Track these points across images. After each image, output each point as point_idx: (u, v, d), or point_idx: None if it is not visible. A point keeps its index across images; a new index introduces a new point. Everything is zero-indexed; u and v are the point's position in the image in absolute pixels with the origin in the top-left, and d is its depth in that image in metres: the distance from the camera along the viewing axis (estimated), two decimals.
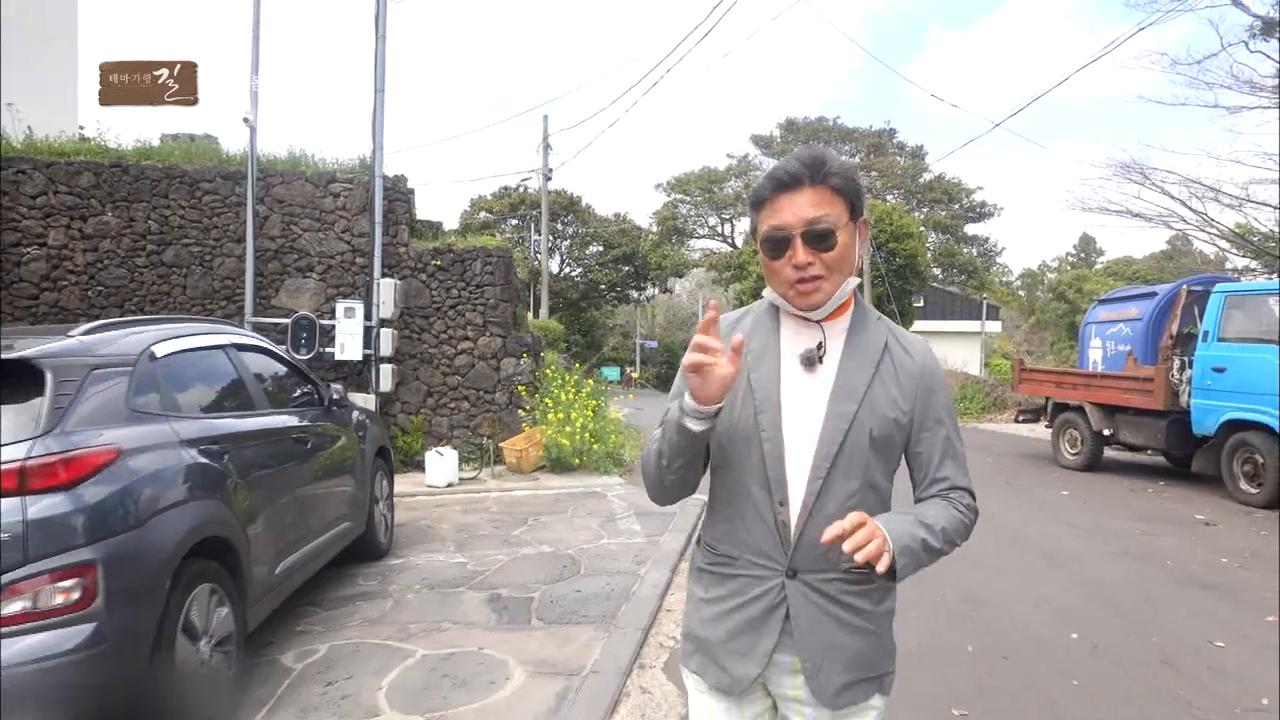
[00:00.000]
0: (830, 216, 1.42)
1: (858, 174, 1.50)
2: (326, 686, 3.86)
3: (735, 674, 1.50)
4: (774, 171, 1.47)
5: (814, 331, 1.50)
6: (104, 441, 3.13)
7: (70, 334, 3.49)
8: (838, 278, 1.45)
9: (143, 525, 3.12)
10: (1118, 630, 4.65)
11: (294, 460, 4.64)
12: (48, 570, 2.79)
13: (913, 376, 1.50)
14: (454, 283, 10.22)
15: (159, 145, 10.44)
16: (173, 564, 3.19)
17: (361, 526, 5.76)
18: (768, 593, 1.48)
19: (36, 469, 2.88)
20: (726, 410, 1.48)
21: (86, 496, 2.96)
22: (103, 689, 2.88)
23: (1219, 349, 8.69)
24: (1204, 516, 7.76)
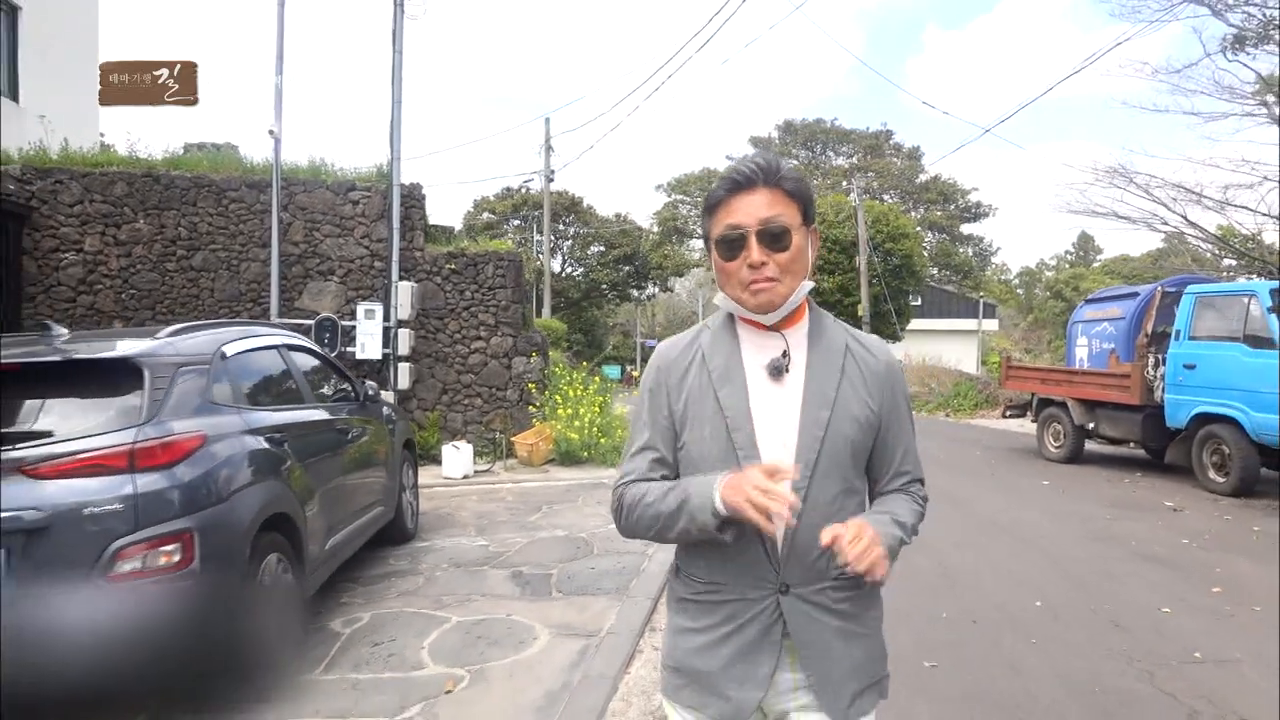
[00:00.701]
0: (784, 217, 1.42)
1: (808, 182, 1.52)
2: (374, 646, 4.39)
3: (739, 702, 1.46)
4: (728, 173, 1.47)
5: (775, 341, 1.50)
6: (192, 429, 3.66)
7: (157, 336, 4.02)
8: (791, 280, 1.44)
9: (226, 501, 3.65)
10: (1077, 600, 5.18)
11: (337, 449, 5.17)
12: (155, 536, 3.32)
13: (878, 375, 1.51)
14: (467, 285, 10.75)
15: (187, 155, 10.95)
16: (250, 534, 3.73)
17: (392, 512, 6.28)
18: (762, 613, 1.45)
19: (142, 451, 3.41)
20: (697, 432, 1.49)
21: (181, 475, 3.49)
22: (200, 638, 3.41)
23: (1190, 347, 9.22)
24: (1172, 503, 8.30)
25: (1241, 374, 8.49)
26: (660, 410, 1.55)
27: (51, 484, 3.25)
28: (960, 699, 3.69)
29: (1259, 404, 8.27)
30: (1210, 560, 6.15)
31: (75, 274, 9.76)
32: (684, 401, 1.52)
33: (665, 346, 1.61)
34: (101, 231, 9.84)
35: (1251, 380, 8.37)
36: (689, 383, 1.52)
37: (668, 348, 1.60)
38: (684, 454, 1.52)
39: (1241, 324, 8.60)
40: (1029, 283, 61.83)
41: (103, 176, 9.90)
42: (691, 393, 1.51)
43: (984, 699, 3.72)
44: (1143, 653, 4.27)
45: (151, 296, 9.93)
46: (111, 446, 3.36)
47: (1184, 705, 3.65)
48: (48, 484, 3.24)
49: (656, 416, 1.56)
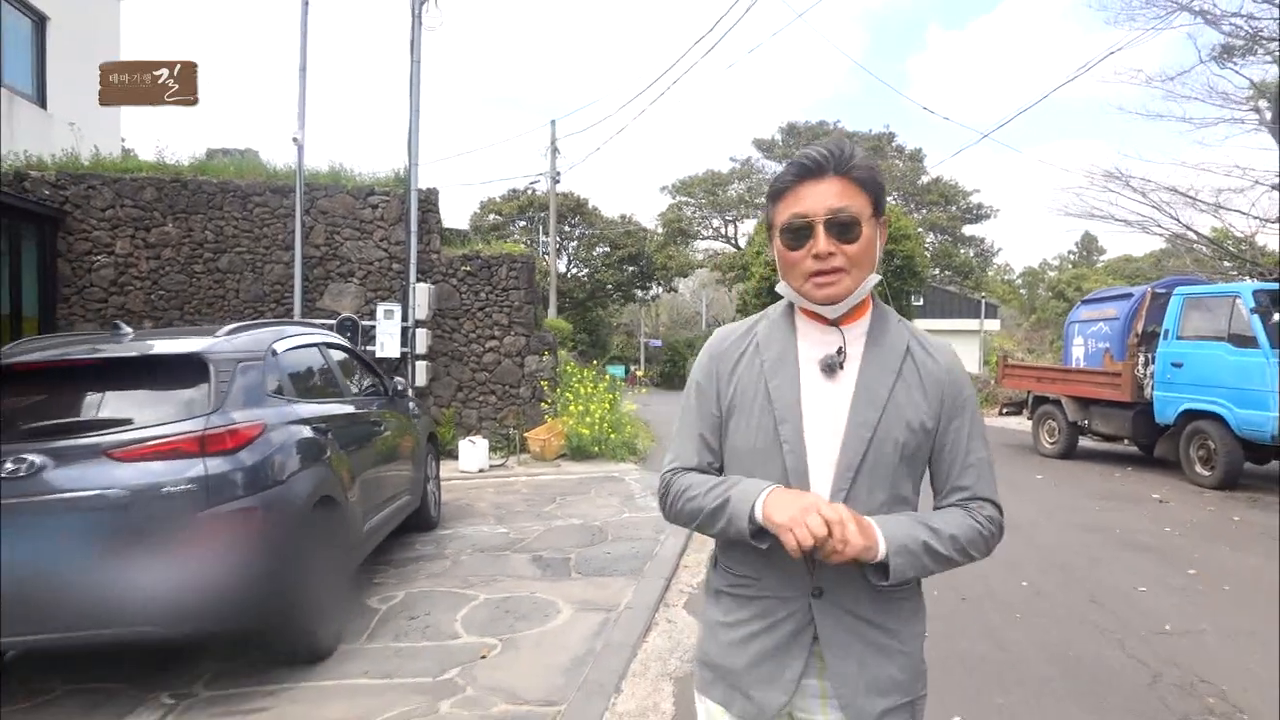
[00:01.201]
0: (854, 207, 1.37)
1: (880, 171, 1.47)
2: (410, 620, 4.79)
3: (762, 703, 1.42)
4: (797, 159, 1.42)
5: (833, 336, 1.45)
6: (253, 418, 4.05)
7: (217, 334, 4.42)
8: (859, 273, 1.39)
9: (284, 483, 4.05)
10: (1060, 580, 5.56)
11: (371, 440, 5.56)
12: (224, 512, 3.72)
13: (937, 381, 1.44)
14: (481, 286, 11.14)
15: (213, 161, 11.36)
16: (305, 512, 4.13)
17: (418, 501, 6.67)
18: (793, 615, 1.41)
19: (212, 437, 3.80)
20: (744, 422, 1.46)
21: (245, 460, 3.88)
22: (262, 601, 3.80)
23: (1178, 346, 9.60)
24: (1159, 495, 8.66)
25: (1226, 372, 8.86)
26: (709, 398, 1.53)
27: (132, 466, 3.64)
28: (944, 663, 4.07)
29: (1243, 400, 8.64)
30: (1189, 546, 6.52)
31: (107, 276, 10.17)
32: (734, 390, 1.49)
33: (720, 334, 1.59)
34: (132, 235, 10.25)
35: (1236, 378, 8.74)
36: (740, 371, 1.49)
37: (722, 335, 1.58)
38: (730, 443, 1.50)
39: (1226, 324, 8.97)
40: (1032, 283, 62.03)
41: (133, 182, 10.31)
42: (742, 382, 1.48)
43: (966, 663, 4.10)
44: (1117, 625, 4.65)
45: (179, 297, 10.33)
46: (185, 433, 3.76)
47: (1150, 669, 4.03)
48: (129, 466, 3.64)
49: (705, 404, 1.53)
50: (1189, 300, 9.66)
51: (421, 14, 10.60)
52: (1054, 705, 3.64)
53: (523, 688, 3.82)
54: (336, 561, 4.52)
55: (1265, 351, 8.42)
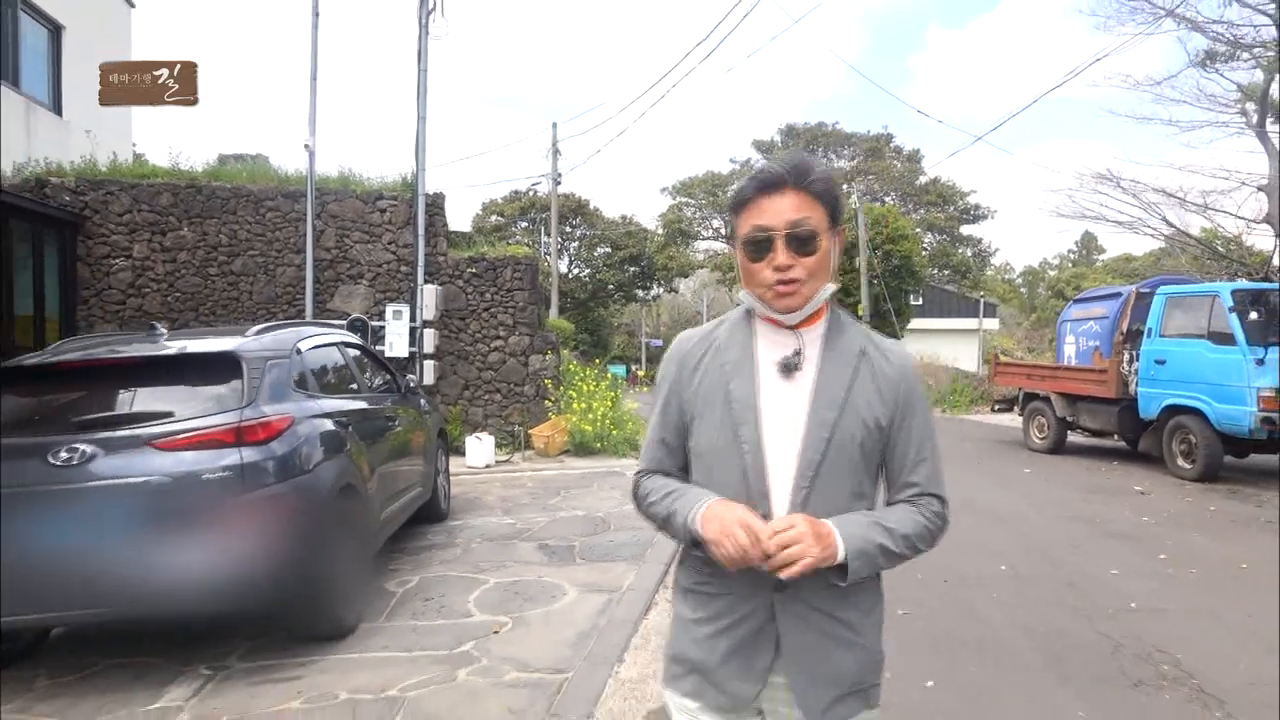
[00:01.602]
0: (812, 220, 1.42)
1: (837, 184, 1.52)
2: (426, 601, 5.11)
3: (734, 694, 1.48)
4: (757, 173, 1.47)
5: (790, 339, 1.49)
6: (282, 411, 4.38)
7: (246, 334, 4.75)
8: (815, 283, 1.45)
9: (311, 472, 4.37)
10: (1038, 565, 5.89)
11: (386, 434, 5.88)
12: (259, 497, 4.05)
13: (892, 381, 1.49)
14: (487, 288, 11.48)
15: (226, 167, 11.69)
16: (329, 499, 4.45)
17: (429, 493, 6.99)
18: (756, 610, 1.46)
19: (246, 429, 4.13)
20: (706, 423, 1.51)
21: (277, 449, 4.21)
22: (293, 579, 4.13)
23: (1160, 343, 9.92)
24: (1141, 488, 8.98)
25: (1206, 368, 9.18)
26: (672, 401, 1.59)
27: (174, 455, 3.97)
28: (923, 637, 4.40)
29: (1222, 396, 8.96)
30: (1164, 534, 6.84)
31: (125, 279, 10.50)
32: (695, 392, 1.53)
33: (682, 338, 1.64)
34: (149, 239, 10.59)
35: (1215, 374, 9.06)
36: (701, 374, 1.54)
37: (685, 339, 1.63)
38: (693, 444, 1.54)
39: (1206, 322, 9.29)
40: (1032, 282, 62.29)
41: (149, 187, 10.65)
42: (703, 384, 1.52)
43: (944, 638, 4.43)
44: (1088, 605, 4.98)
45: (195, 299, 10.67)
46: (222, 425, 4.08)
47: (1113, 641, 4.35)
48: (171, 455, 3.97)
49: (668, 408, 1.59)
50: (1171, 299, 9.98)
51: (428, 24, 10.93)
52: (1021, 673, 3.97)
53: (533, 658, 4.15)
54: (357, 545, 4.84)
55: (1242, 349, 8.74)
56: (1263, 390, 8.55)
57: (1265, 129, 13.99)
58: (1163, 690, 3.76)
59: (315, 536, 4.28)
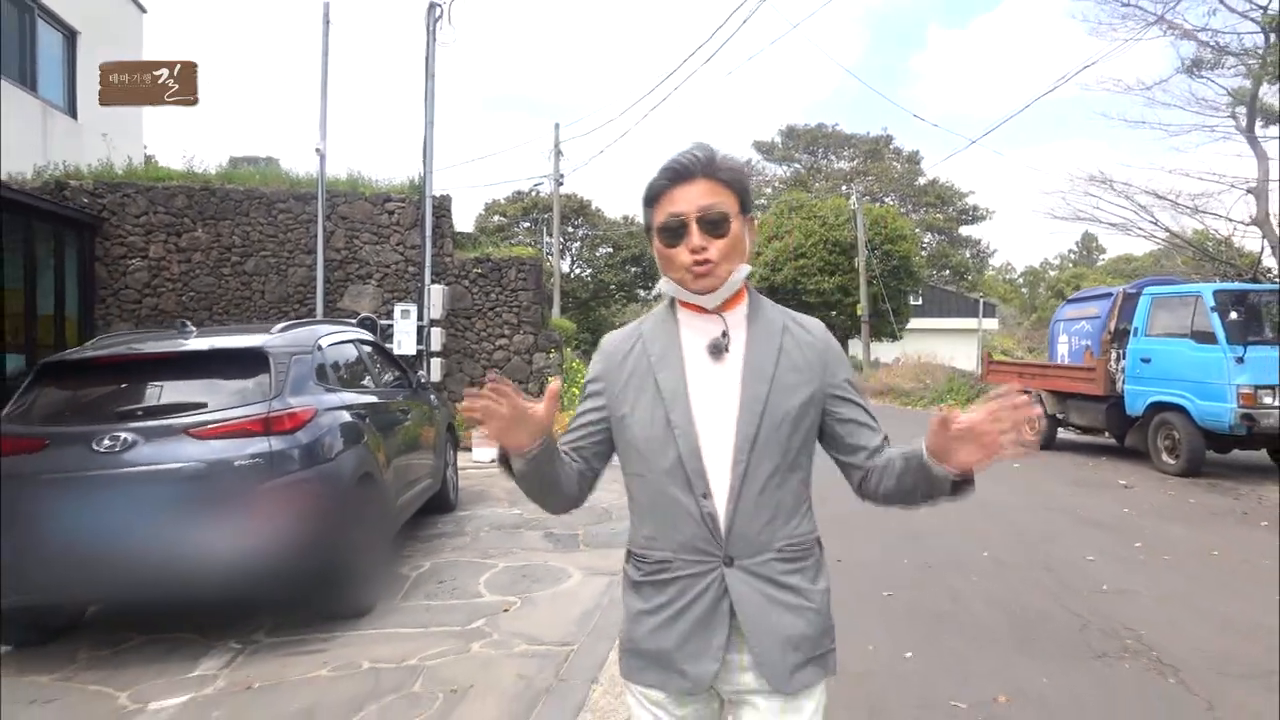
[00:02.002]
0: (723, 205, 1.49)
1: (745, 173, 1.59)
2: (439, 584, 5.43)
3: (695, 676, 1.51)
4: (667, 165, 1.53)
5: (715, 323, 1.56)
6: (307, 403, 4.69)
7: (272, 331, 5.06)
8: (729, 264, 1.51)
9: (333, 460, 4.69)
10: (1019, 552, 6.19)
11: (400, 426, 6.20)
12: (285, 483, 4.36)
13: (816, 350, 1.56)
14: (492, 287, 11.80)
15: (239, 170, 12.02)
16: (350, 486, 4.77)
17: (438, 484, 7.30)
18: (709, 587, 1.49)
19: (274, 419, 4.44)
20: (637, 415, 1.54)
21: (302, 439, 4.52)
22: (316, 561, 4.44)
23: (1146, 342, 10.22)
24: (1126, 482, 9.29)
25: (1189, 366, 9.48)
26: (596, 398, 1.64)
27: (208, 443, 4.28)
28: (905, 615, 4.70)
29: (1204, 393, 9.25)
30: (1143, 524, 7.15)
31: (141, 278, 10.83)
32: (624, 386, 1.58)
33: (609, 337, 1.69)
34: (164, 240, 10.91)
35: (1198, 372, 9.36)
36: (629, 368, 1.58)
37: (611, 338, 1.68)
38: (626, 436, 1.57)
39: (1189, 322, 9.59)
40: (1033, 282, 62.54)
41: (165, 190, 10.98)
42: (632, 378, 1.57)
43: (925, 615, 4.74)
44: (1061, 587, 5.28)
45: (209, 298, 10.99)
46: (251, 415, 4.40)
47: (1082, 619, 4.65)
48: (205, 443, 4.28)
49: (589, 403, 1.65)
50: (1156, 300, 10.28)
51: (436, 32, 11.24)
52: (993, 646, 4.27)
53: (541, 633, 4.46)
54: (375, 530, 5.17)
55: (1223, 347, 9.04)
56: (1242, 387, 8.84)
57: (1254, 133, 14.28)
58: (1123, 661, 4.06)
59: (337, 520, 4.59)
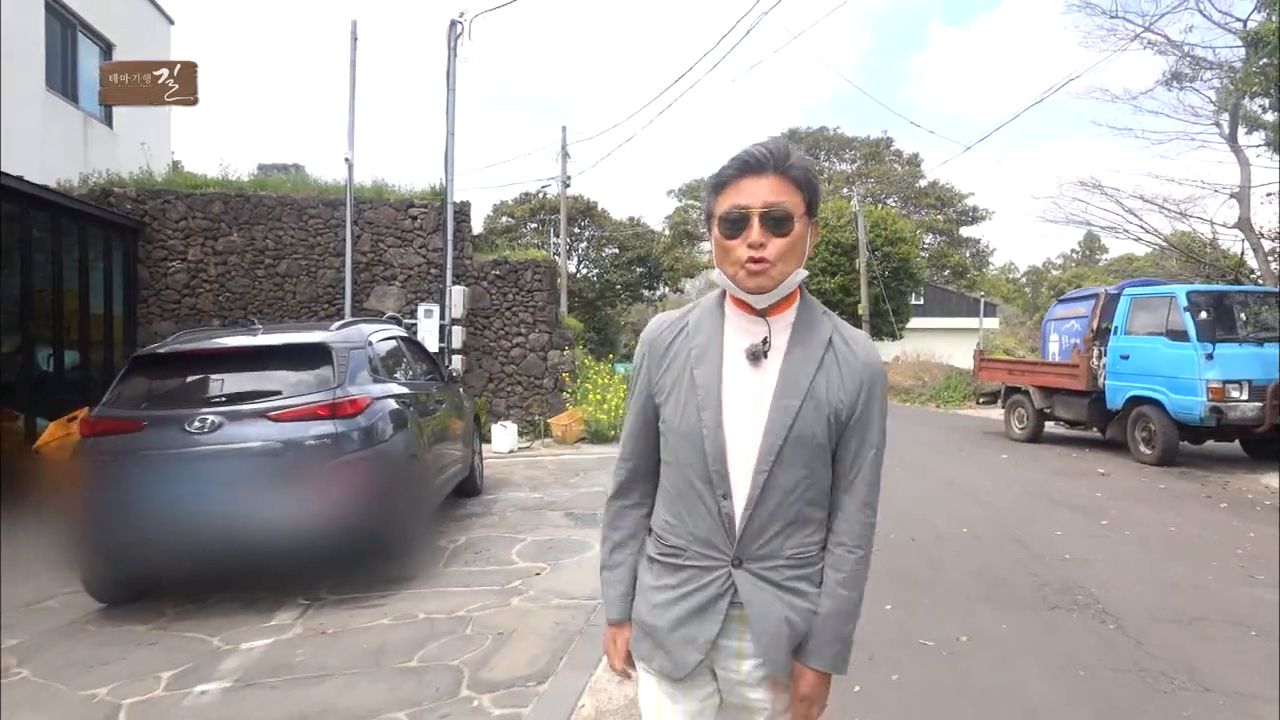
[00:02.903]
0: (788, 203, 1.46)
1: (817, 175, 1.55)
2: (475, 554, 6.10)
3: (678, 660, 1.56)
4: (739, 155, 1.50)
5: (759, 326, 1.53)
6: (364, 392, 5.37)
7: (330, 328, 5.74)
8: (786, 266, 1.48)
9: (387, 441, 5.36)
10: (996, 529, 6.85)
11: (437, 414, 6.87)
12: (349, 460, 5.04)
13: (855, 371, 1.53)
14: (509, 288, 12.48)
15: (272, 177, 12.72)
16: (400, 464, 5.44)
17: (467, 470, 7.97)
18: (714, 582, 1.53)
19: (338, 405, 5.12)
20: (674, 405, 1.56)
21: (362, 422, 5.20)
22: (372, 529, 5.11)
23: (1125, 340, 10.86)
24: (1104, 470, 9.93)
25: (1164, 363, 10.13)
26: (641, 384, 1.66)
27: (283, 424, 4.96)
28: (889, 577, 5.36)
29: (1177, 388, 9.90)
30: (1112, 506, 7.80)
31: (180, 280, 11.52)
32: (664, 375, 1.60)
33: (655, 321, 1.69)
34: (202, 243, 11.61)
35: (1172, 368, 10.01)
36: (671, 356, 1.59)
37: (657, 324, 1.67)
38: (666, 424, 1.60)
39: (1165, 321, 10.23)
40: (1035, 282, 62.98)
41: (202, 196, 11.67)
42: (673, 366, 1.58)
43: (904, 578, 5.40)
44: (1029, 556, 5.95)
45: (243, 299, 11.69)
46: (320, 401, 5.08)
47: (1041, 580, 5.32)
48: (281, 425, 4.96)
49: (639, 392, 1.67)
50: (1135, 300, 10.93)
51: (457, 47, 11.92)
52: (962, 601, 4.94)
53: (571, 590, 5.14)
54: (419, 504, 5.85)
55: (1194, 345, 9.68)
56: (1211, 382, 9.49)
57: (1236, 140, 14.91)
58: (1072, 612, 4.73)
59: (390, 493, 5.27)
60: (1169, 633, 4.39)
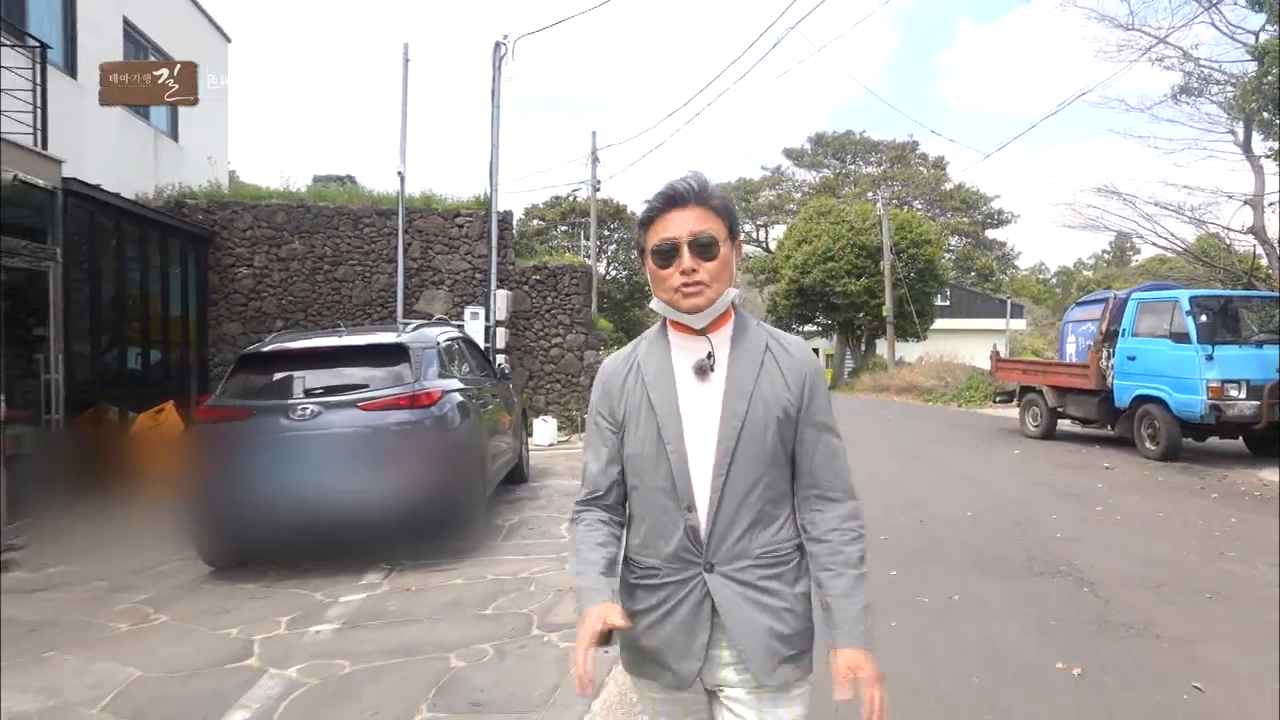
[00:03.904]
0: (712, 230, 1.59)
1: (733, 201, 1.69)
2: (529, 530, 6.92)
3: (681, 672, 1.63)
4: (662, 192, 1.63)
5: (702, 344, 1.65)
6: (436, 385, 6.19)
7: (404, 330, 6.58)
8: (718, 286, 1.60)
9: (457, 429, 6.18)
10: (997, 513, 7.54)
11: (491, 407, 7.68)
12: (426, 444, 5.85)
13: (794, 368, 1.65)
14: (548, 292, 13.31)
15: (329, 189, 13.67)
16: (467, 449, 6.26)
17: (516, 458, 8.79)
18: (692, 591, 1.61)
19: (416, 396, 5.94)
20: (635, 433, 1.66)
21: (436, 411, 6.01)
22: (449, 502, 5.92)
23: (1132, 342, 11.45)
24: (1109, 464, 10.54)
25: (1167, 363, 10.72)
26: (605, 420, 1.72)
27: (372, 413, 5.79)
28: (895, 553, 6.09)
29: (1180, 387, 10.49)
30: (1109, 495, 8.43)
31: (247, 285, 12.48)
32: (624, 407, 1.68)
33: (608, 363, 1.78)
34: (266, 250, 12.56)
35: (1175, 368, 10.59)
36: (627, 390, 1.68)
37: (609, 363, 1.78)
38: (626, 452, 1.68)
39: (1169, 324, 10.82)
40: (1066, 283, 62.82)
41: (267, 207, 12.63)
42: (629, 398, 1.67)
43: (909, 552, 6.13)
44: (1023, 536, 6.64)
45: (304, 302, 12.62)
46: (401, 393, 5.90)
47: (1031, 555, 6.02)
48: (368, 413, 5.79)
49: (603, 428, 1.73)
50: (1142, 304, 11.52)
51: (501, 66, 12.76)
52: (959, 572, 5.65)
53: None
54: (482, 485, 6.66)
55: (1195, 347, 10.27)
56: (1210, 382, 10.07)
57: (1250, 148, 15.37)
58: (1054, 579, 5.44)
59: (461, 473, 6.09)
60: (1135, 595, 5.08)
